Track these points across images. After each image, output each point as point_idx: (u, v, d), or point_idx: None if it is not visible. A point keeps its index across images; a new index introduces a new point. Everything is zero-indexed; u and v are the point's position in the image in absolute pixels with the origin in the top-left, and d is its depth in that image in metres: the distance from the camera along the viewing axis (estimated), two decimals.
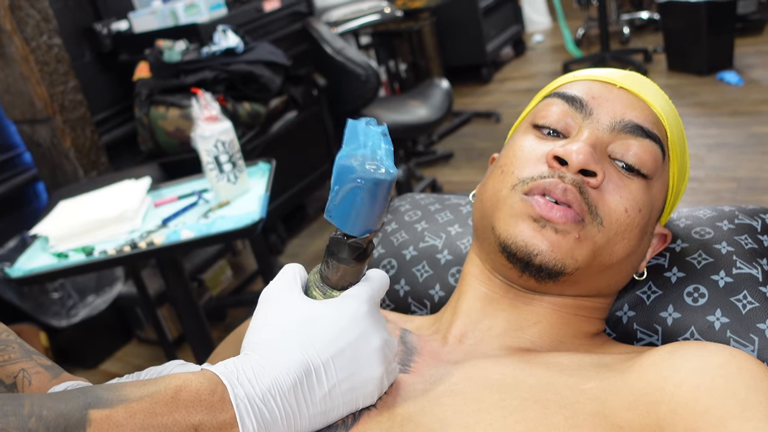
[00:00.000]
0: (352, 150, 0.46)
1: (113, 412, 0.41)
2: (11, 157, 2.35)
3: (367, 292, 0.51)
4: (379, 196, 0.46)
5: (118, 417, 0.41)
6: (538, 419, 0.48)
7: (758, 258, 0.66)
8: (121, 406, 0.41)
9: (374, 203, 0.46)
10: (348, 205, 0.46)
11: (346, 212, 0.47)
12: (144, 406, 0.42)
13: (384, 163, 0.46)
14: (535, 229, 0.58)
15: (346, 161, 0.46)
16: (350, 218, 0.47)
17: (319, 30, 2.72)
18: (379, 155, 0.46)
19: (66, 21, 2.38)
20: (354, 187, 0.45)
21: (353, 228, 0.47)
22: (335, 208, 0.47)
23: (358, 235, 0.48)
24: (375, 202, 0.46)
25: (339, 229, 0.48)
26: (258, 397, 0.45)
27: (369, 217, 0.47)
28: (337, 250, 0.49)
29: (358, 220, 0.47)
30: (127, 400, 0.42)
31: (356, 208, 0.46)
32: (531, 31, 5.69)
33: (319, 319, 0.49)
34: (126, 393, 0.42)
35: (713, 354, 0.52)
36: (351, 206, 0.46)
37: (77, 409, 0.40)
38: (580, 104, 0.64)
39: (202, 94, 1.52)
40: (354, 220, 0.47)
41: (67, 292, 2.19)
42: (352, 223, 0.47)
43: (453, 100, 2.82)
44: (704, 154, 2.83)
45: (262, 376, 0.46)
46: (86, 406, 0.41)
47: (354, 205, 0.46)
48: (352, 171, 0.45)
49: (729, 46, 3.64)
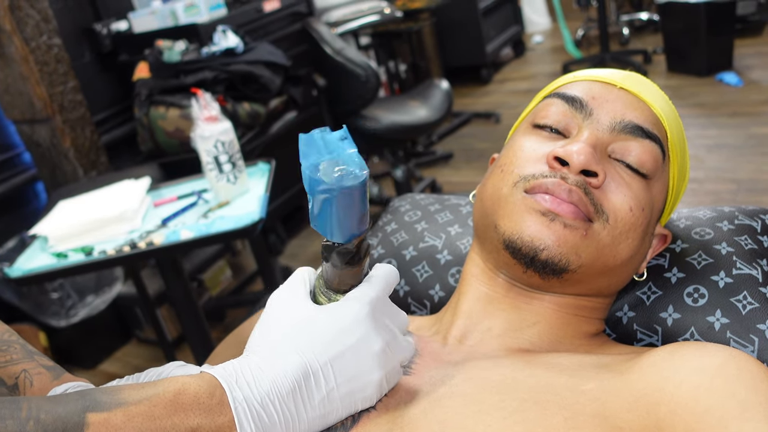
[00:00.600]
0: (315, 160, 0.45)
1: (111, 415, 0.41)
2: (11, 157, 2.35)
3: (368, 294, 0.50)
4: (355, 201, 0.45)
5: (117, 420, 0.41)
6: (537, 420, 0.48)
7: (758, 259, 0.66)
8: (119, 410, 0.41)
9: (351, 208, 0.45)
10: (326, 215, 0.45)
11: (325, 222, 0.46)
12: (142, 409, 0.42)
13: (350, 167, 0.45)
14: (543, 223, 0.58)
15: (312, 173, 0.44)
16: (331, 227, 0.46)
17: (319, 30, 2.72)
18: (344, 159, 0.45)
19: (66, 21, 2.38)
20: (325, 198, 0.44)
21: (337, 236, 0.47)
22: (315, 218, 0.47)
23: (343, 241, 0.48)
24: (352, 207, 0.45)
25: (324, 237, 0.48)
26: (257, 400, 0.45)
27: (350, 222, 0.46)
28: (329, 257, 0.49)
29: (340, 228, 0.46)
30: (126, 404, 0.42)
31: (335, 217, 0.46)
32: (531, 32, 5.70)
33: (318, 323, 0.49)
34: (124, 396, 0.42)
35: (713, 355, 0.52)
36: (329, 216, 0.46)
37: (75, 412, 0.40)
38: (580, 104, 0.64)
39: (202, 94, 1.52)
40: (336, 229, 0.46)
41: (66, 292, 2.19)
42: (335, 231, 0.47)
43: (453, 101, 2.82)
44: (704, 155, 2.83)
45: (261, 379, 0.46)
46: (84, 410, 0.41)
47: (332, 215, 0.45)
48: (320, 183, 0.44)
49: (728, 47, 3.64)
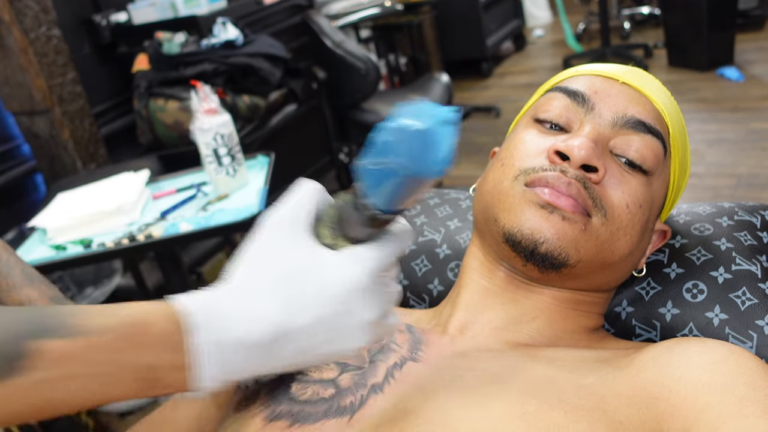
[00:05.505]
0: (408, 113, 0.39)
1: (71, 344, 0.37)
2: (9, 148, 2.35)
3: (374, 261, 0.44)
4: (445, 138, 0.39)
5: (77, 350, 0.37)
6: (537, 413, 0.48)
7: (757, 255, 0.66)
8: (81, 339, 0.38)
9: (416, 177, 0.39)
10: (384, 172, 0.40)
11: (380, 179, 0.41)
12: (106, 341, 0.38)
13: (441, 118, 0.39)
14: (542, 216, 0.58)
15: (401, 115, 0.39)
16: (382, 187, 0.41)
17: (319, 23, 2.71)
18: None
19: (65, 12, 2.37)
20: (400, 142, 0.39)
21: (381, 201, 0.42)
22: (370, 168, 0.41)
23: (384, 209, 0.42)
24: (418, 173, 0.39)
25: (364, 192, 0.43)
26: (226, 345, 0.41)
27: (405, 193, 0.41)
28: (358, 206, 0.44)
29: (391, 195, 0.41)
30: (89, 333, 0.38)
31: (394, 177, 0.40)
32: (531, 26, 5.68)
33: (314, 276, 0.43)
34: (86, 323, 0.38)
35: (712, 350, 0.52)
36: (387, 173, 0.40)
37: (17, 335, 0.36)
38: (582, 99, 0.64)
39: (201, 86, 1.51)
40: (386, 193, 0.41)
41: (65, 285, 2.19)
42: (383, 194, 0.41)
43: (453, 95, 2.82)
44: (704, 150, 2.83)
45: (233, 324, 0.41)
46: (32, 334, 0.36)
47: (391, 173, 0.40)
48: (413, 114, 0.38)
49: (730, 41, 3.63)
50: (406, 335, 0.62)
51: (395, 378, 0.55)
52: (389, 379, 0.56)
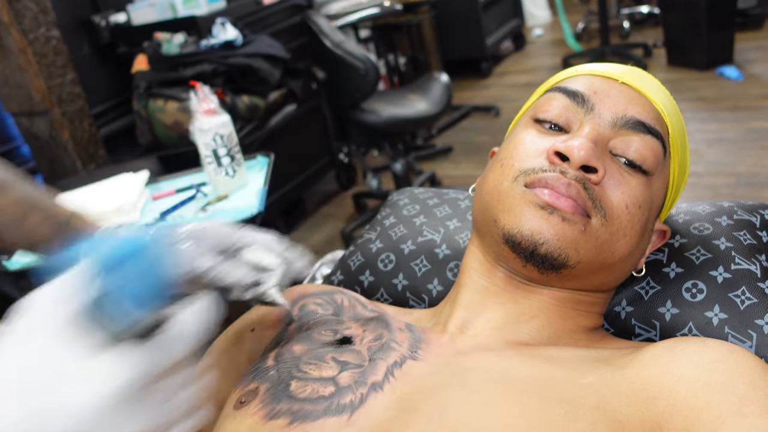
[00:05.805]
0: None
1: None
2: (9, 149, 2.35)
3: (135, 368, 0.38)
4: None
5: None
6: (537, 412, 0.48)
7: (757, 254, 0.66)
8: None
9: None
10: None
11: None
12: None
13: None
14: (542, 216, 0.58)
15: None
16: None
17: (318, 23, 2.71)
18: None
19: (64, 13, 2.37)
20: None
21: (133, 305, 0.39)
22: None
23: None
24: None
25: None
26: None
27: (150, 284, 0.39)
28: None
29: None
30: None
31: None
32: (531, 25, 5.68)
33: (58, 389, 0.37)
34: None
35: (712, 350, 0.52)
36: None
37: None
38: (581, 99, 0.64)
39: (201, 87, 1.51)
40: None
41: None
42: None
43: (452, 94, 2.81)
44: (703, 149, 2.83)
45: None
46: None
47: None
48: None
49: (729, 40, 3.63)
50: (406, 334, 0.62)
51: (395, 376, 0.55)
52: (389, 377, 0.56)
